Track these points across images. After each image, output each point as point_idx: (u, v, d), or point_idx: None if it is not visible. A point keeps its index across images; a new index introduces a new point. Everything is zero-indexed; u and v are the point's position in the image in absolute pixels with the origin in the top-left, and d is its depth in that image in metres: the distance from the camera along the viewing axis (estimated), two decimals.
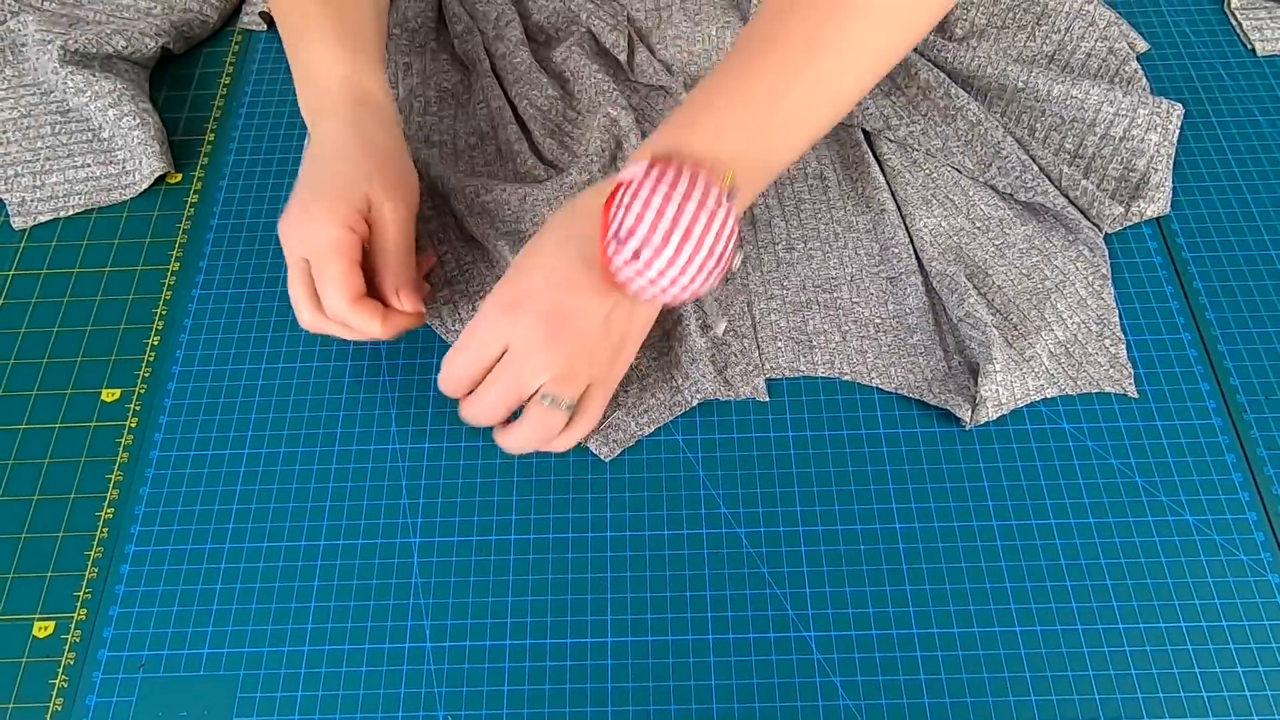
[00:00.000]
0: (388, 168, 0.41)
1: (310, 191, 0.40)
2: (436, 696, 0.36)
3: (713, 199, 0.34)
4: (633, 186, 0.34)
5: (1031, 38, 0.53)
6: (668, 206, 0.33)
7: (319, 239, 0.38)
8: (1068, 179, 0.47)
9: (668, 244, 0.33)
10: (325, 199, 0.39)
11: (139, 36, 0.54)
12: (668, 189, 0.33)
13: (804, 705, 0.36)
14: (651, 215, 0.33)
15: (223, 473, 0.42)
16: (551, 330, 0.36)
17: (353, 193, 0.40)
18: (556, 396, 0.37)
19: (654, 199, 0.33)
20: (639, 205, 0.33)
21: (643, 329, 0.39)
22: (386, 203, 0.40)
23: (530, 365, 0.36)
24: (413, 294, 0.41)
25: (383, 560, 0.39)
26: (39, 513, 0.41)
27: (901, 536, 0.39)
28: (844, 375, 0.43)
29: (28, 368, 0.45)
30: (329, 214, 0.39)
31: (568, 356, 0.36)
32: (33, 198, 0.50)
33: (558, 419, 0.38)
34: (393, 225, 0.41)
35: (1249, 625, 0.37)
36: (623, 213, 0.34)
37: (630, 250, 0.34)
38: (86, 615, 0.39)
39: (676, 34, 0.54)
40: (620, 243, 0.34)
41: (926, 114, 0.50)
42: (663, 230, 0.33)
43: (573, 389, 0.37)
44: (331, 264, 0.38)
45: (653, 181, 0.34)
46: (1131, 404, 0.42)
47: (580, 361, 0.37)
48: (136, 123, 0.51)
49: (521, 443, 0.39)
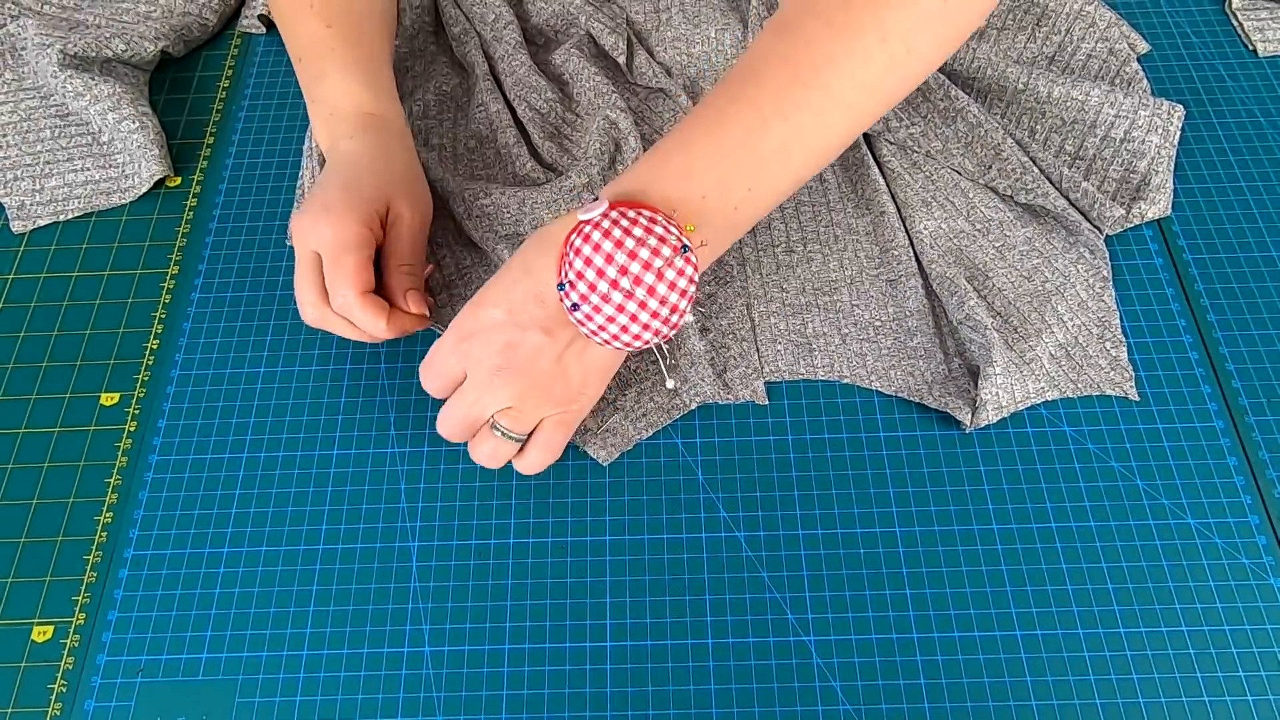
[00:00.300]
0: (408, 180, 0.43)
1: (333, 192, 0.41)
2: (435, 701, 0.36)
3: (667, 250, 0.33)
4: (586, 230, 0.34)
5: (1032, 39, 0.53)
6: (617, 254, 0.33)
7: (338, 234, 0.39)
8: (1068, 181, 0.47)
9: (611, 296, 0.33)
10: (350, 197, 0.40)
11: (138, 40, 0.54)
12: (621, 235, 0.33)
13: (804, 710, 0.36)
14: (600, 261, 0.33)
15: (221, 476, 0.42)
16: (504, 365, 0.36)
17: (377, 196, 0.41)
18: (506, 429, 0.38)
19: (605, 244, 0.33)
20: (589, 249, 0.33)
21: (605, 369, 0.39)
22: (406, 211, 0.42)
23: (482, 397, 0.37)
24: (420, 298, 0.41)
25: (382, 564, 0.39)
26: (37, 517, 0.41)
27: (902, 540, 0.39)
28: (844, 378, 0.43)
29: (27, 371, 0.45)
30: (352, 210, 0.40)
31: (519, 392, 0.37)
32: (32, 201, 0.50)
33: (507, 448, 0.38)
34: (408, 230, 0.42)
35: (1251, 629, 0.37)
36: (574, 255, 0.34)
37: (577, 295, 0.34)
38: (85, 620, 0.39)
39: (675, 36, 0.54)
40: (569, 285, 0.34)
41: (926, 116, 0.50)
42: (608, 280, 0.33)
43: (523, 424, 0.38)
44: (347, 257, 0.39)
45: (607, 226, 0.33)
46: (1132, 406, 0.42)
47: (531, 398, 0.37)
48: (136, 126, 0.51)
49: (479, 459, 0.39)
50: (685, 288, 0.34)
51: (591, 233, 0.33)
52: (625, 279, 0.33)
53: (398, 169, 0.43)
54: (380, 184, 0.42)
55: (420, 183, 0.44)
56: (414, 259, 0.42)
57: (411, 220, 0.42)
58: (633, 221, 0.33)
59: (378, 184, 0.42)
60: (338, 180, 0.42)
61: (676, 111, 0.52)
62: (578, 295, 0.34)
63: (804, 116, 0.36)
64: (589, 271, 0.33)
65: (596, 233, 0.33)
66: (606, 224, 0.33)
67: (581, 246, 0.33)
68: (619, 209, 0.34)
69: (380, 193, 0.41)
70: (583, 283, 0.33)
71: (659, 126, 0.52)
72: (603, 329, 0.34)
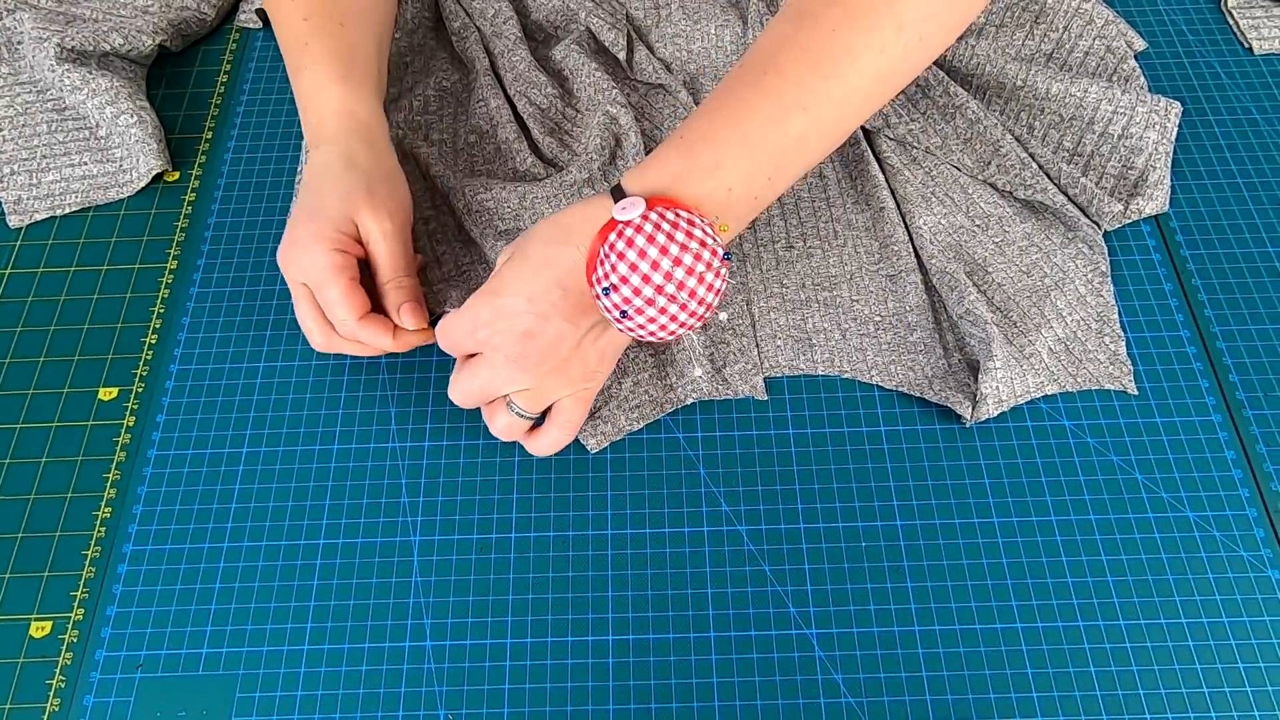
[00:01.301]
0: (377, 191, 0.41)
1: (300, 225, 0.40)
2: (437, 695, 0.36)
3: (707, 254, 0.34)
4: (627, 232, 0.33)
5: (1030, 36, 0.53)
6: (662, 260, 0.33)
7: (313, 265, 0.39)
8: (1067, 176, 0.48)
9: (656, 300, 0.33)
10: (311, 226, 0.40)
11: (136, 34, 0.53)
12: (666, 240, 0.33)
13: (805, 703, 0.36)
14: (646, 267, 0.33)
15: (221, 471, 0.41)
16: (524, 351, 0.36)
17: (339, 217, 0.40)
18: (521, 408, 0.38)
19: (650, 250, 0.33)
20: (634, 254, 0.33)
21: (619, 347, 0.40)
22: (375, 224, 0.41)
23: (499, 378, 0.37)
24: (416, 310, 0.41)
25: (383, 558, 0.39)
26: (36, 512, 0.41)
27: (902, 533, 0.39)
28: (844, 373, 0.43)
29: (24, 366, 0.45)
30: (315, 240, 0.39)
31: (536, 377, 0.37)
32: (29, 196, 0.50)
33: (522, 424, 0.39)
34: (384, 244, 0.41)
35: (1249, 621, 0.37)
36: (615, 259, 0.33)
37: (619, 298, 0.34)
38: (84, 615, 0.38)
39: (675, 32, 0.54)
40: (611, 289, 0.34)
41: (926, 112, 0.50)
42: (654, 285, 0.33)
43: (538, 404, 0.38)
44: (330, 287, 0.39)
45: (650, 231, 0.33)
46: (1131, 401, 0.43)
47: (548, 380, 0.38)
48: (134, 120, 0.50)
49: (496, 433, 0.40)
50: (720, 288, 0.35)
51: (634, 236, 0.33)
52: (670, 284, 0.33)
53: (367, 179, 0.41)
54: (345, 202, 0.40)
55: (395, 189, 0.43)
56: (399, 271, 0.41)
57: (387, 230, 0.41)
58: (674, 225, 0.33)
59: (342, 203, 0.40)
60: (304, 206, 0.41)
61: (676, 107, 0.52)
62: (620, 298, 0.33)
63: (823, 108, 0.36)
64: (634, 277, 0.33)
65: (640, 237, 0.33)
66: (649, 228, 0.33)
67: (625, 251, 0.33)
68: (658, 210, 0.34)
69: (346, 210, 0.40)
70: (626, 287, 0.33)
71: (659, 123, 0.52)
72: (641, 327, 0.35)
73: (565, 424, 0.39)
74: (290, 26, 0.45)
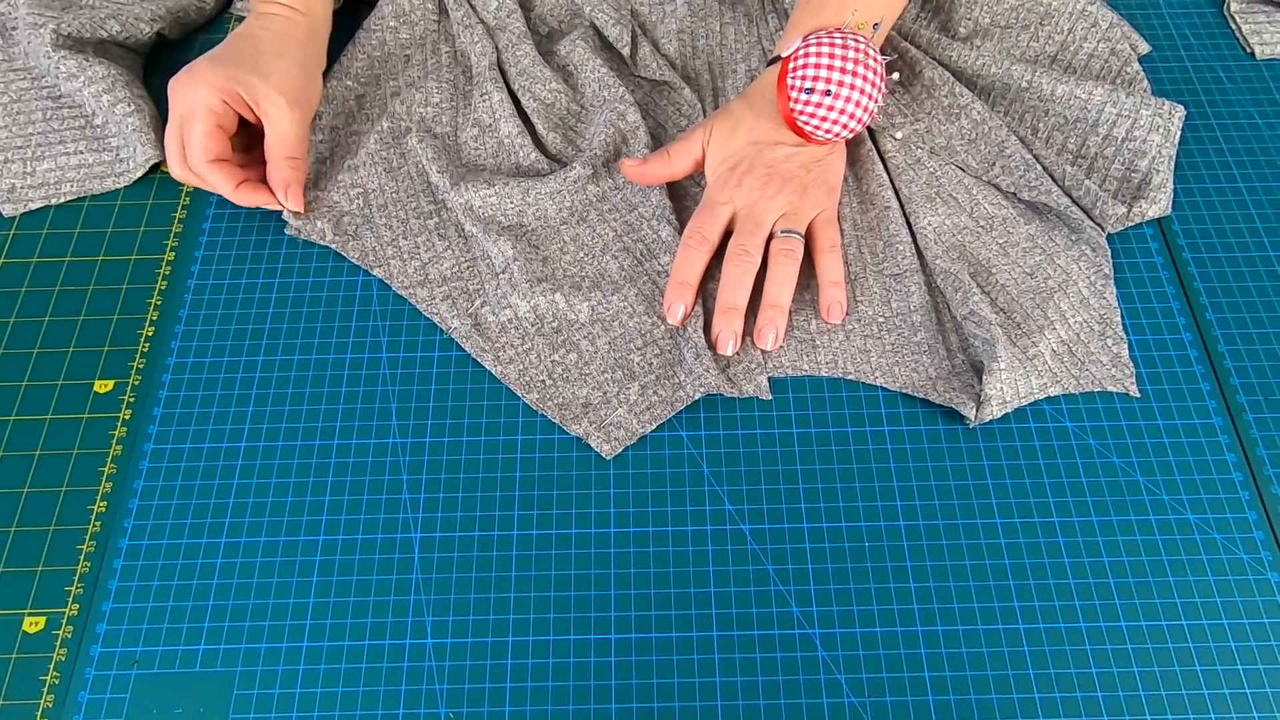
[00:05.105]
0: (291, 75, 0.45)
1: (205, 62, 0.44)
2: (438, 693, 0.36)
3: (866, 45, 0.43)
4: (806, 49, 0.43)
5: (1035, 38, 0.53)
6: (836, 58, 0.42)
7: (194, 100, 0.43)
8: (1070, 179, 0.48)
9: (844, 85, 0.42)
10: (212, 71, 0.44)
11: (134, 22, 0.53)
12: (831, 45, 0.42)
13: (809, 703, 0.36)
14: (827, 62, 0.42)
15: (219, 466, 0.41)
16: (768, 181, 0.45)
17: (241, 76, 0.44)
18: (790, 228, 0.44)
19: (826, 51, 0.42)
20: (816, 57, 0.42)
21: (838, 172, 0.47)
22: (273, 106, 0.44)
23: (763, 212, 0.44)
24: (299, 194, 0.45)
25: (383, 555, 0.39)
26: (30, 506, 0.40)
27: (906, 534, 0.39)
28: (847, 374, 0.43)
29: (18, 358, 0.44)
30: (206, 83, 0.43)
31: (787, 199, 0.45)
32: (23, 185, 0.49)
33: (797, 244, 0.44)
34: (279, 125, 0.45)
35: (1249, 623, 0.37)
36: (804, 66, 0.43)
37: (819, 93, 0.42)
38: (78, 610, 0.38)
39: (680, 29, 0.54)
40: (808, 91, 0.43)
41: (930, 112, 0.50)
42: (838, 73, 0.42)
43: (800, 221, 0.45)
44: (197, 124, 0.43)
45: (817, 42, 0.43)
46: (1133, 403, 0.43)
47: (798, 198, 0.45)
48: (131, 109, 0.50)
49: (783, 281, 0.43)
50: (882, 74, 0.44)
51: (810, 50, 0.43)
52: (849, 74, 0.42)
53: (286, 58, 0.46)
54: (255, 63, 0.44)
55: (309, 79, 0.47)
56: (297, 152, 0.45)
57: (280, 116, 0.44)
58: (830, 35, 0.43)
59: (253, 67, 0.44)
60: (222, 53, 0.45)
61: (680, 104, 0.52)
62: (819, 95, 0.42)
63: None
64: (822, 73, 0.42)
65: (814, 49, 0.43)
66: (813, 43, 0.43)
67: (809, 58, 0.43)
68: (814, 33, 0.43)
69: (253, 75, 0.44)
70: (820, 83, 0.42)
71: (663, 120, 0.52)
72: (832, 120, 0.43)
73: (832, 244, 0.45)
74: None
